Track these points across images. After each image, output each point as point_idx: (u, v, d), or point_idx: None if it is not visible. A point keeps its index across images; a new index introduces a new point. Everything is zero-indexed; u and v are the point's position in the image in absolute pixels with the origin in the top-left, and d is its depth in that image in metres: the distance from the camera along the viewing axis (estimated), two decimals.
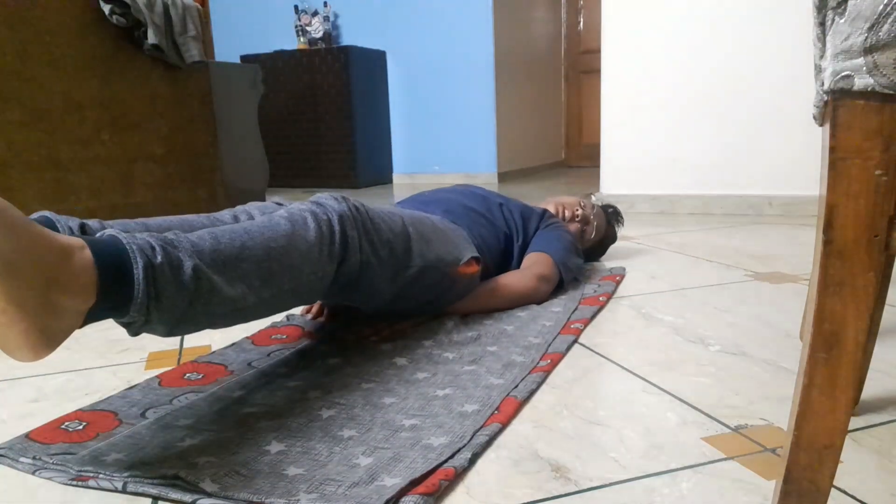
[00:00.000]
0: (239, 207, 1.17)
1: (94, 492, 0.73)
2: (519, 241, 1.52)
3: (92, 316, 0.70)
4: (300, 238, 0.92)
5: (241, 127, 2.58)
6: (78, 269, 0.66)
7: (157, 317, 0.74)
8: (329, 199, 1.01)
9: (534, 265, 1.43)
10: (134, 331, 0.75)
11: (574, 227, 1.72)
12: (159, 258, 0.73)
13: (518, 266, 1.50)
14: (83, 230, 0.90)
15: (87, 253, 0.68)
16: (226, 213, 1.14)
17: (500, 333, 1.19)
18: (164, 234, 0.78)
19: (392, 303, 1.18)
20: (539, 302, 1.39)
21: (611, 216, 1.85)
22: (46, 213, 0.89)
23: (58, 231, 0.85)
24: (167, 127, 1.84)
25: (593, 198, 1.86)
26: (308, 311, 1.36)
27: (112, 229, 0.75)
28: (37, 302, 0.63)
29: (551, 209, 1.72)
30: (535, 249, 1.48)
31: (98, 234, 0.75)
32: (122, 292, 0.70)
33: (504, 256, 1.50)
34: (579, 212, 1.73)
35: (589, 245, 1.77)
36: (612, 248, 2.01)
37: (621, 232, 2.34)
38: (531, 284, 1.38)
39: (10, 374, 1.11)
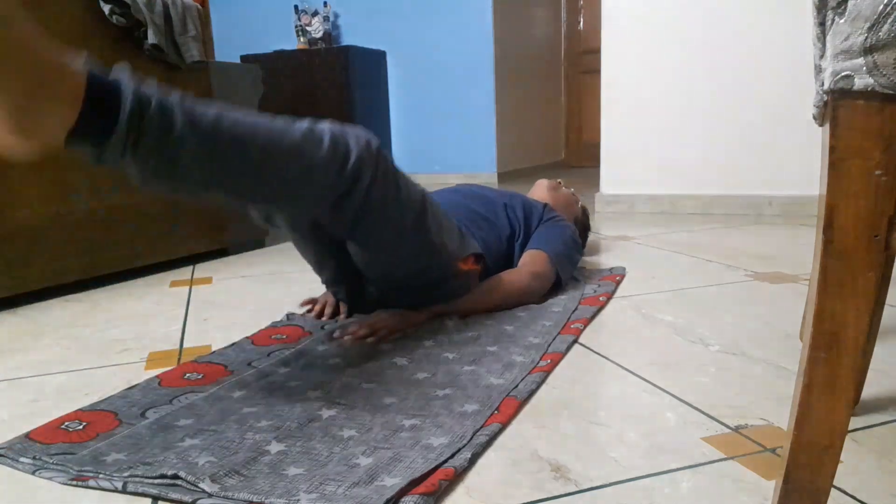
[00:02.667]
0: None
1: (94, 492, 0.73)
2: (520, 238, 1.52)
3: (73, 139, 0.75)
4: (306, 154, 0.96)
5: None
6: (68, 86, 0.73)
7: (132, 153, 0.79)
8: (361, 132, 1.04)
9: (528, 263, 1.43)
10: (104, 160, 0.79)
11: (567, 191, 1.85)
12: (153, 106, 0.78)
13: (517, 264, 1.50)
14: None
15: (83, 80, 0.73)
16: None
17: (500, 333, 1.19)
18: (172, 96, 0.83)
19: (388, 267, 1.19)
20: (535, 300, 1.39)
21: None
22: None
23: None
24: None
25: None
26: (311, 311, 1.37)
27: (124, 73, 0.80)
28: (25, 87, 0.69)
29: (551, 190, 1.82)
30: (532, 246, 1.48)
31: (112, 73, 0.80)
32: (103, 122, 0.75)
33: (506, 259, 1.50)
34: (561, 181, 1.91)
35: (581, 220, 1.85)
36: (612, 248, 2.01)
37: (621, 231, 2.35)
38: (524, 282, 1.38)
39: (10, 374, 1.12)
